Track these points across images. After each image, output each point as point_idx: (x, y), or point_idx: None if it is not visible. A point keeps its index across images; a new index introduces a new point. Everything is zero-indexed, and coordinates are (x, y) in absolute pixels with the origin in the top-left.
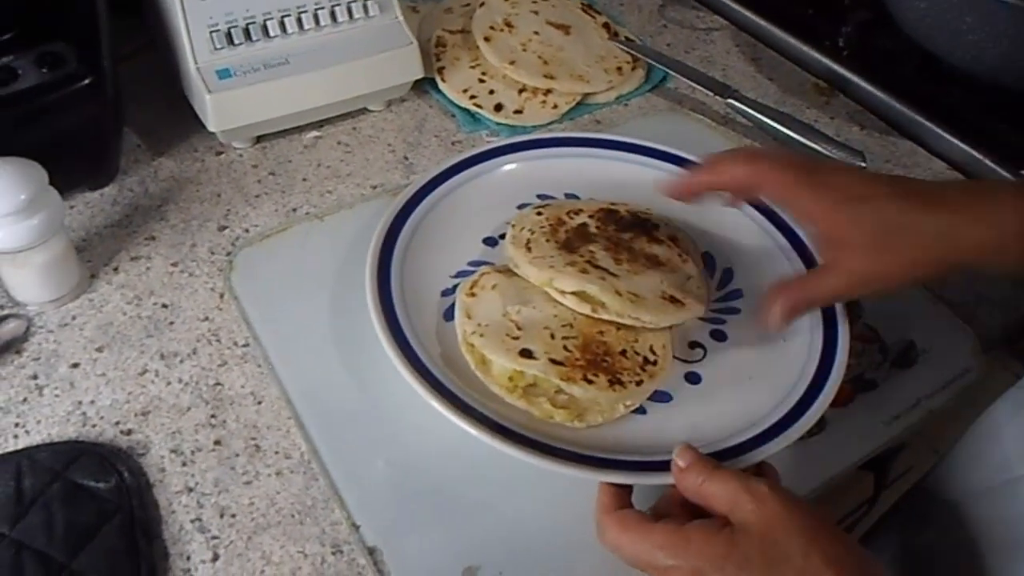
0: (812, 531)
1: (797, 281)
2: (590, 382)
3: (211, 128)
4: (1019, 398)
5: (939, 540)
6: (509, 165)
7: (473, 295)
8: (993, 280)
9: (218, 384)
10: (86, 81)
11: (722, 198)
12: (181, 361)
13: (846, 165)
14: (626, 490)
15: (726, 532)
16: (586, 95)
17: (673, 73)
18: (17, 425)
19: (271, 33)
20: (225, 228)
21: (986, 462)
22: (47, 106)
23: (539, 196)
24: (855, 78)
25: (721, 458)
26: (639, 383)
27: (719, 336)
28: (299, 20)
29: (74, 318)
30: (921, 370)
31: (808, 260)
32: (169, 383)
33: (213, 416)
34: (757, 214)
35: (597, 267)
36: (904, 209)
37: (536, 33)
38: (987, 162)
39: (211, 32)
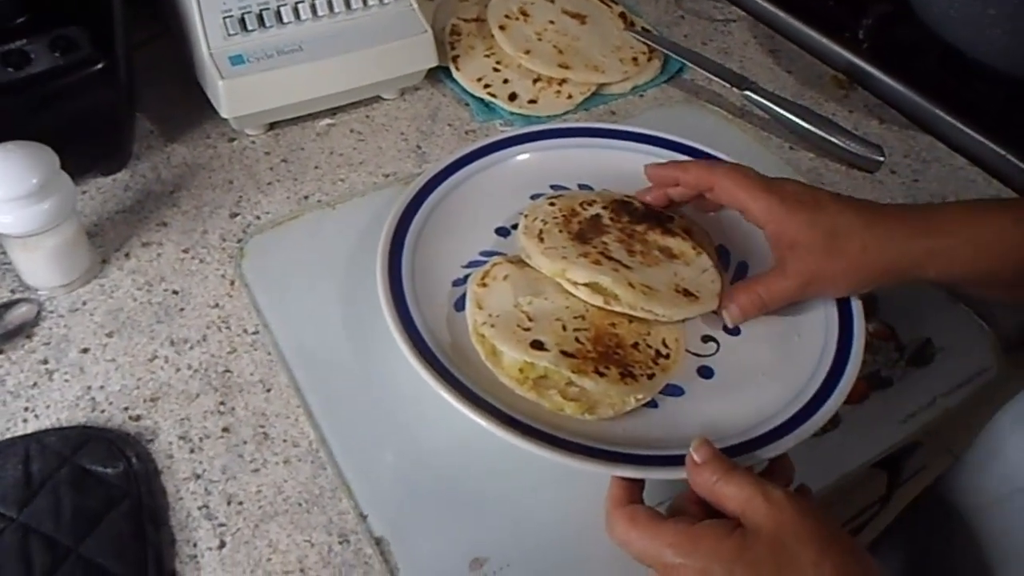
0: (826, 541)
1: (750, 283)
2: (601, 375)
3: (224, 114)
4: (1021, 410)
5: (947, 549)
6: (523, 155)
7: (484, 285)
8: None
9: (227, 371)
10: (99, 65)
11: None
12: (191, 348)
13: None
14: (637, 484)
15: (737, 534)
16: (601, 85)
17: (689, 64)
18: (27, 409)
19: (285, 20)
20: (237, 215)
21: (993, 472)
22: (60, 90)
23: (552, 186)
24: (875, 71)
25: (733, 453)
26: (651, 376)
27: (732, 330)
28: (313, 7)
29: (84, 303)
30: (938, 368)
31: None
32: (178, 369)
33: (222, 403)
34: None
35: (610, 259)
36: (852, 219)
37: (551, 22)
38: (1009, 157)
39: (224, 18)
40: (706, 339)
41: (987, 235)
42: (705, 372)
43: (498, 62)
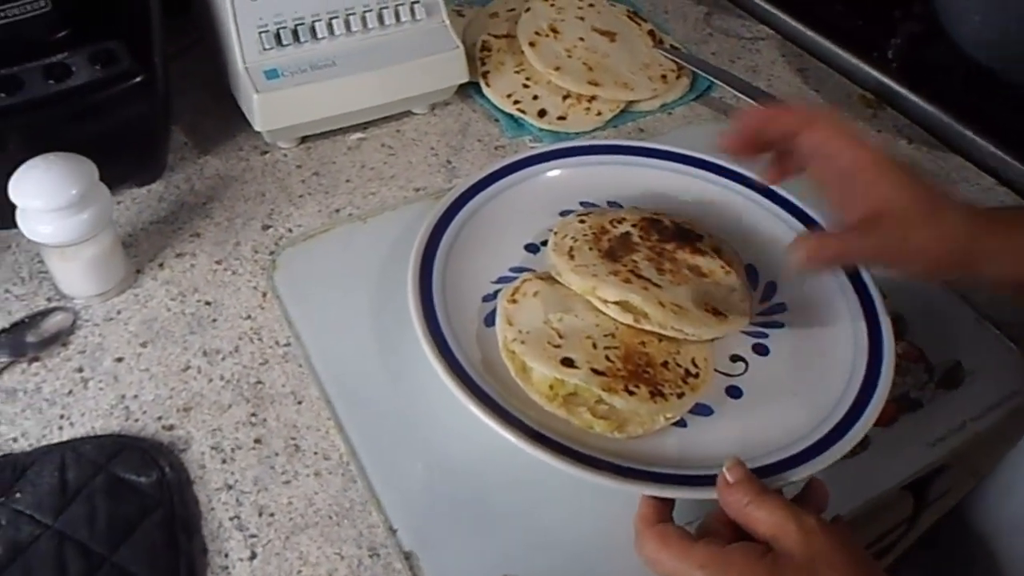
0: (857, 574)
1: (825, 234)
2: (631, 393)
3: (257, 128)
4: None
5: (967, 572)
6: (552, 172)
7: (515, 301)
8: None
9: (259, 383)
10: (138, 79)
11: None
12: (223, 358)
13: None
14: (667, 503)
15: (768, 558)
16: (630, 103)
17: (718, 82)
18: (62, 417)
19: (319, 35)
20: (269, 227)
21: (1016, 498)
22: (99, 103)
23: (581, 203)
24: (904, 91)
25: (762, 475)
26: (680, 395)
27: (761, 350)
28: (347, 22)
29: (119, 312)
30: (968, 391)
31: (851, 274)
32: (211, 380)
33: (254, 414)
34: (801, 226)
35: (640, 277)
36: (943, 194)
37: (581, 39)
38: None
39: (260, 32)
40: (735, 359)
41: None
42: (734, 392)
43: (528, 78)
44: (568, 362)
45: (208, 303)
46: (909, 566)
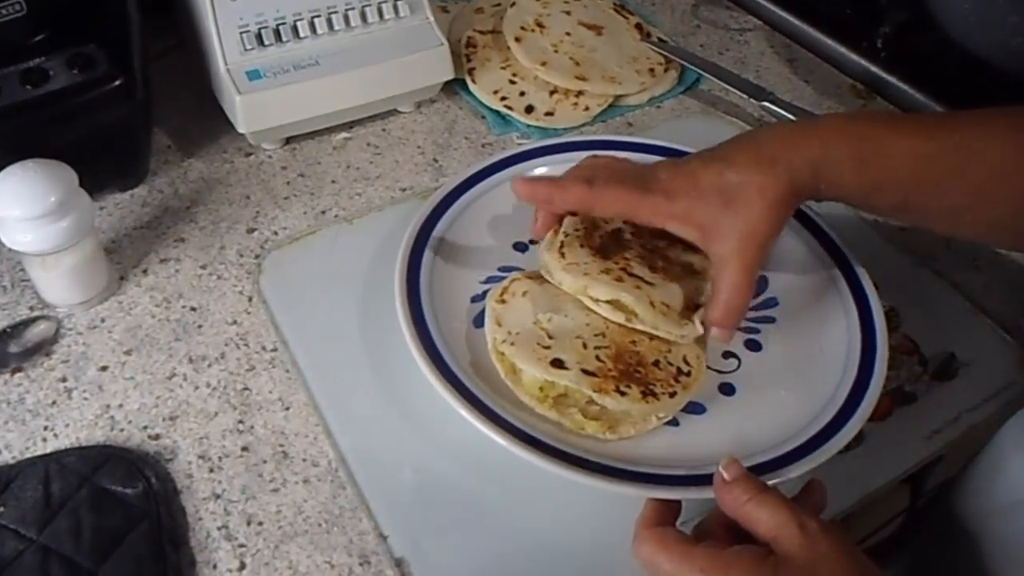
0: None
1: (711, 302)
2: (623, 393)
3: (241, 129)
4: None
5: (951, 557)
6: (540, 168)
7: (503, 302)
8: None
9: (246, 389)
10: (117, 83)
11: None
12: (209, 365)
13: (666, 162)
14: (672, 508)
15: (770, 562)
16: (618, 97)
17: (706, 75)
18: (46, 428)
19: (301, 34)
20: (254, 230)
21: (997, 484)
22: (78, 108)
23: None
24: (894, 80)
25: (758, 473)
26: (672, 395)
27: (753, 346)
28: (329, 21)
29: (103, 320)
30: (962, 383)
31: (843, 266)
32: (197, 387)
33: (241, 422)
34: (793, 221)
35: (632, 275)
36: (728, 168)
37: (568, 34)
38: None
39: (241, 33)
40: (727, 355)
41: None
42: (727, 389)
43: (514, 74)
44: (558, 363)
45: (193, 309)
46: (893, 551)
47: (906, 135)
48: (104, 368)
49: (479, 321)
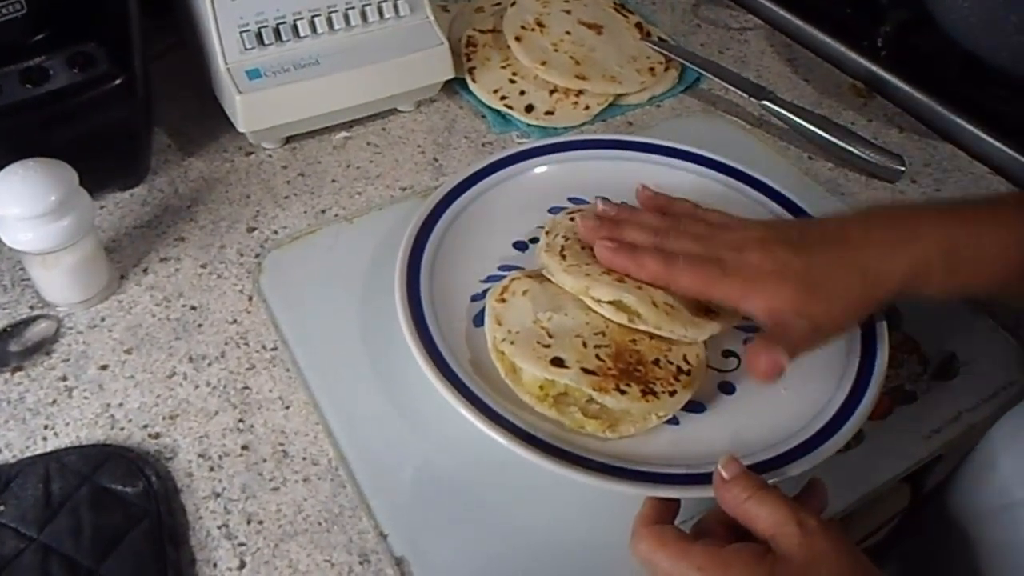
0: None
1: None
2: (623, 392)
3: (241, 129)
4: (1016, 423)
5: (944, 557)
6: (540, 167)
7: (503, 301)
8: None
9: (246, 388)
10: (117, 81)
11: None
12: (209, 364)
13: (754, 235)
14: (671, 507)
15: (768, 560)
16: (618, 96)
17: (707, 74)
18: (46, 427)
19: (301, 33)
20: (254, 229)
21: (987, 484)
22: (78, 107)
23: (570, 199)
24: (894, 79)
25: (757, 472)
26: (672, 393)
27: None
28: (329, 20)
29: (103, 319)
30: (962, 383)
31: None
32: (197, 386)
33: (241, 420)
34: (791, 217)
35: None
36: (817, 263)
37: (568, 33)
38: None
39: (241, 32)
40: (727, 354)
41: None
42: (727, 388)
43: (514, 73)
44: (558, 362)
45: (193, 308)
46: (886, 551)
47: (995, 228)
48: (104, 367)
49: (479, 320)
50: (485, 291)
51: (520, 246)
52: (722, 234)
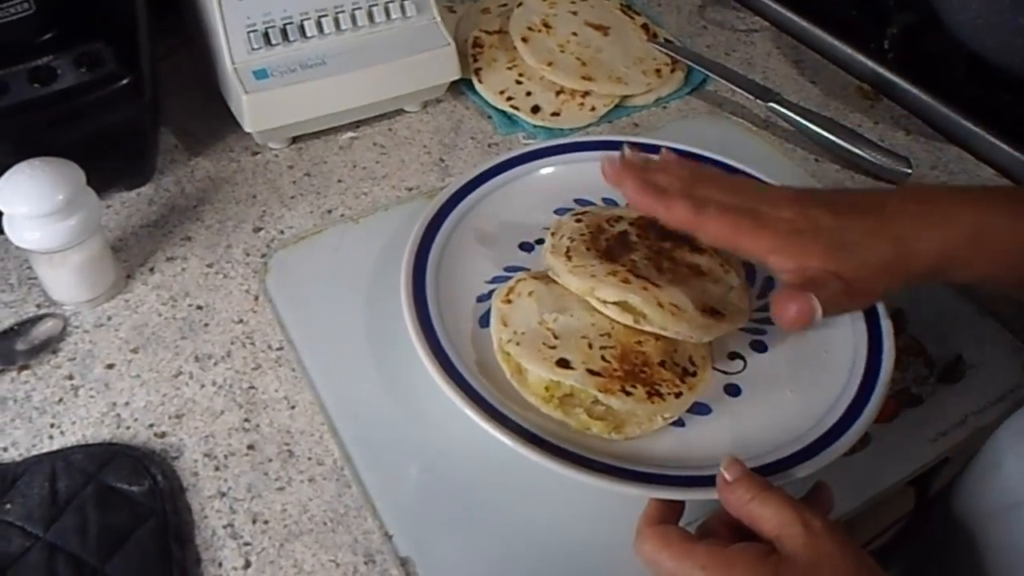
0: None
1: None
2: (628, 394)
3: (247, 128)
4: (1023, 423)
5: (949, 558)
6: (546, 168)
7: (509, 302)
8: None
9: (252, 388)
10: (124, 81)
11: None
12: (215, 364)
13: (787, 194)
14: (675, 508)
15: (772, 560)
16: (624, 97)
17: (713, 75)
18: (52, 426)
19: (308, 33)
20: (260, 229)
21: (993, 485)
22: (86, 106)
23: (576, 200)
24: (901, 81)
25: (762, 474)
26: (678, 395)
27: (759, 347)
28: (336, 20)
29: (110, 318)
30: (969, 385)
31: None
32: (203, 386)
33: (247, 420)
34: None
35: (639, 276)
36: (850, 227)
37: (574, 34)
38: None
39: (248, 32)
40: (733, 356)
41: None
42: (732, 390)
43: (521, 74)
44: (564, 363)
45: (199, 307)
46: (890, 551)
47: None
48: (111, 366)
49: (484, 321)
50: (491, 292)
51: (526, 247)
52: (754, 191)
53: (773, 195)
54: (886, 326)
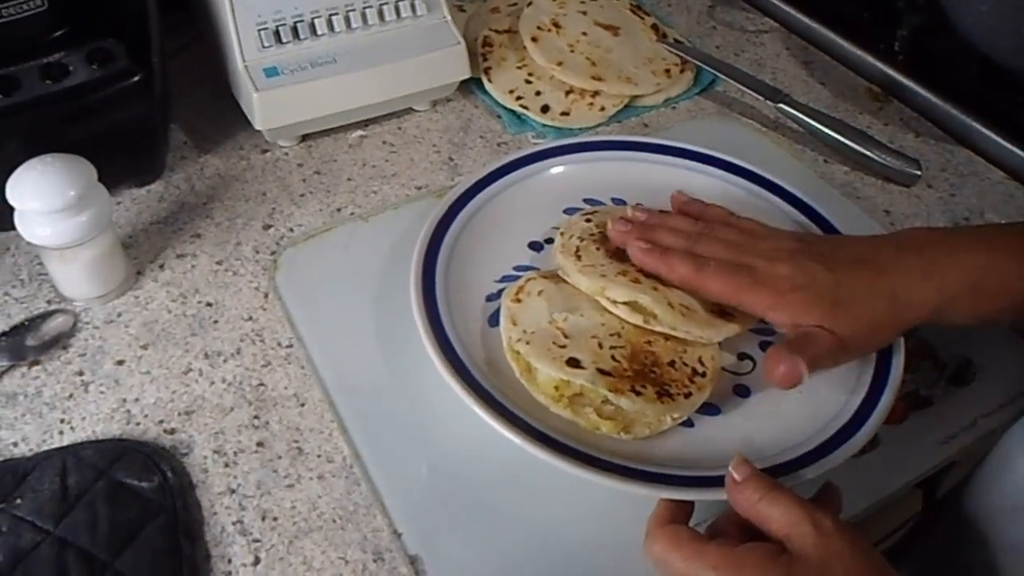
0: None
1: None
2: (638, 393)
3: (257, 126)
4: None
5: (959, 557)
6: (555, 168)
7: (519, 301)
8: None
9: (261, 385)
10: (136, 78)
11: None
12: (225, 361)
13: (786, 246)
14: (684, 508)
15: (783, 560)
16: (634, 98)
17: (722, 76)
18: (63, 421)
19: (319, 32)
20: (270, 227)
21: (1004, 484)
22: (97, 103)
23: (586, 200)
24: (910, 83)
25: (771, 475)
26: (688, 395)
27: (768, 348)
28: (347, 19)
29: (120, 315)
30: (978, 388)
31: None
32: (213, 383)
33: (256, 417)
34: (805, 220)
35: (648, 276)
36: (845, 282)
37: (584, 34)
38: None
39: (259, 30)
40: (742, 357)
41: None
42: (741, 391)
43: (530, 74)
44: (574, 362)
45: (209, 304)
46: (901, 550)
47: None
48: (120, 362)
49: (494, 320)
50: (500, 291)
51: (535, 247)
52: (754, 243)
53: (772, 249)
54: None
